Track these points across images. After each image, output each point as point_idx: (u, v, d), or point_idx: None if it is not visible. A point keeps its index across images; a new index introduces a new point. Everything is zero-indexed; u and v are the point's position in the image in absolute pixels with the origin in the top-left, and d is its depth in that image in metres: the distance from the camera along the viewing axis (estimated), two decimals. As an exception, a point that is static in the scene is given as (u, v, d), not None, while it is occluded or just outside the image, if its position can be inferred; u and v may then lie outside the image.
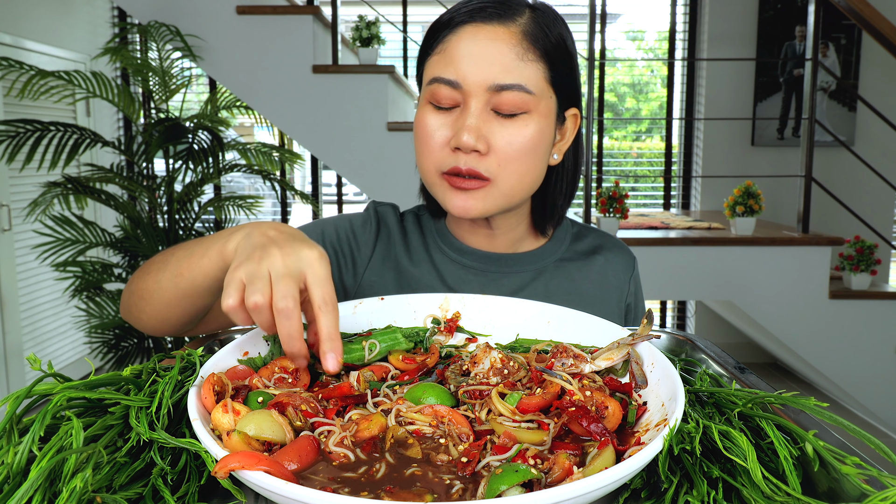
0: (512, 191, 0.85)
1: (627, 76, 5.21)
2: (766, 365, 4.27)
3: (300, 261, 0.61)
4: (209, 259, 0.71)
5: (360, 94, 3.08)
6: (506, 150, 0.81)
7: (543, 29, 0.82)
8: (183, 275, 0.74)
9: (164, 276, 0.77)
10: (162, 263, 0.78)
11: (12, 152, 2.70)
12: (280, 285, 0.59)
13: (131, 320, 0.86)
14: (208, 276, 0.72)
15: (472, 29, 0.81)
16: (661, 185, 4.66)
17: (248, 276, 0.60)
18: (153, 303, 0.79)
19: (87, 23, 4.06)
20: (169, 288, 0.76)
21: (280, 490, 0.40)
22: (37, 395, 0.50)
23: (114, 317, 2.95)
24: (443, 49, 0.83)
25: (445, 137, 0.83)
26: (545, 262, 0.97)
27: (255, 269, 0.60)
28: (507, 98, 0.80)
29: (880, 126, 3.92)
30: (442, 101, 0.82)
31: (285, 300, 0.58)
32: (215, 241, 0.70)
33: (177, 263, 0.75)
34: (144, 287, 0.80)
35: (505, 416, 0.52)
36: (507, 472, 0.44)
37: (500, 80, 0.79)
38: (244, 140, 3.48)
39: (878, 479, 0.45)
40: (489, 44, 0.80)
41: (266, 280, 0.59)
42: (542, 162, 0.86)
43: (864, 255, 3.01)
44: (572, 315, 0.72)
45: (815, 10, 2.98)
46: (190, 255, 0.73)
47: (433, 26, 0.86)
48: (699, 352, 0.79)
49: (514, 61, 0.80)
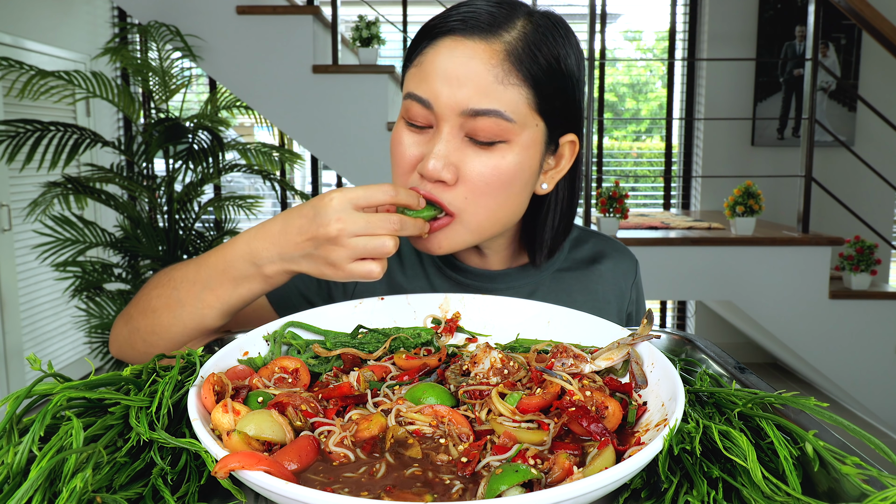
0: (480, 227, 0.77)
1: (627, 76, 5.21)
2: (766, 365, 4.27)
3: (345, 206, 0.66)
4: (248, 288, 0.75)
5: (360, 94, 3.08)
6: (475, 183, 0.73)
7: (532, 48, 0.72)
8: (212, 306, 0.76)
9: (183, 311, 0.78)
10: (168, 299, 0.79)
11: (12, 152, 2.70)
12: (377, 226, 0.66)
13: (135, 355, 0.84)
14: (247, 301, 0.77)
15: (451, 43, 0.72)
16: (661, 185, 4.66)
17: (359, 252, 0.67)
18: (171, 335, 0.80)
19: (87, 23, 4.06)
20: (195, 320, 0.78)
21: (280, 490, 0.40)
22: (37, 395, 0.50)
23: (114, 317, 2.95)
24: (420, 62, 0.75)
25: (416, 158, 0.75)
26: (542, 275, 0.92)
27: (350, 252, 0.67)
28: (481, 125, 0.71)
29: (880, 126, 3.92)
30: (416, 120, 0.75)
31: (384, 222, 0.67)
32: (237, 271, 0.75)
33: (196, 298, 0.77)
34: (158, 323, 0.80)
35: (505, 417, 0.52)
36: (507, 472, 0.44)
37: (473, 105, 0.70)
38: (244, 140, 3.48)
39: (878, 479, 0.45)
40: (465, 62, 0.70)
41: (334, 266, 0.68)
42: (521, 195, 0.78)
43: (864, 255, 3.01)
44: (572, 315, 0.72)
45: (815, 10, 2.98)
46: (209, 287, 0.76)
47: (418, 33, 0.77)
48: (699, 352, 0.79)
49: (491, 84, 0.70)
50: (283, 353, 0.68)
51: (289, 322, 0.70)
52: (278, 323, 0.70)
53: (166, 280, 0.81)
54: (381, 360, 0.67)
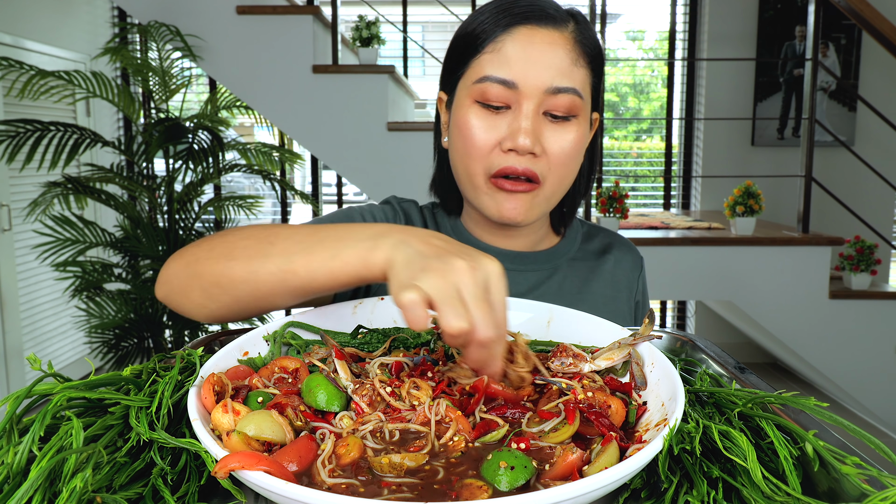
0: (554, 195, 0.86)
1: (629, 76, 5.21)
2: (766, 365, 4.27)
3: (486, 275, 0.54)
4: (342, 262, 0.61)
5: (360, 94, 3.08)
6: (557, 154, 0.82)
7: (587, 36, 0.84)
8: (297, 272, 0.64)
9: (263, 268, 0.66)
10: (257, 252, 0.67)
11: (12, 152, 2.70)
12: (481, 310, 0.51)
13: (187, 306, 0.74)
14: (336, 280, 0.63)
15: (528, 31, 0.81)
16: (661, 185, 4.66)
17: (438, 293, 0.51)
18: (237, 293, 0.69)
19: (87, 23, 4.06)
20: (271, 282, 0.66)
21: (280, 490, 0.40)
22: (37, 395, 0.50)
23: (114, 317, 2.95)
24: (496, 48, 0.81)
25: (496, 139, 0.81)
26: (559, 260, 0.97)
27: (442, 286, 0.51)
28: (561, 101, 0.80)
29: (880, 126, 3.92)
30: (492, 101, 0.81)
31: (492, 329, 0.51)
32: (350, 242, 0.62)
33: (286, 258, 0.65)
34: (227, 274, 0.68)
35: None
36: (504, 451, 0.45)
37: (556, 83, 0.80)
38: (244, 140, 3.48)
39: (878, 479, 0.45)
40: (547, 48, 0.80)
41: (462, 302, 0.51)
42: (579, 166, 0.87)
43: (864, 255, 3.01)
44: (572, 315, 0.72)
45: (815, 10, 2.98)
46: (307, 251, 0.64)
47: (477, 26, 0.83)
48: (699, 352, 0.79)
49: (569, 66, 0.81)
50: (283, 353, 0.68)
51: (289, 322, 0.70)
52: (278, 323, 0.70)
53: (265, 233, 0.69)
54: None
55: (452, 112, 0.87)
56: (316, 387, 0.55)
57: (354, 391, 0.56)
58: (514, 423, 0.54)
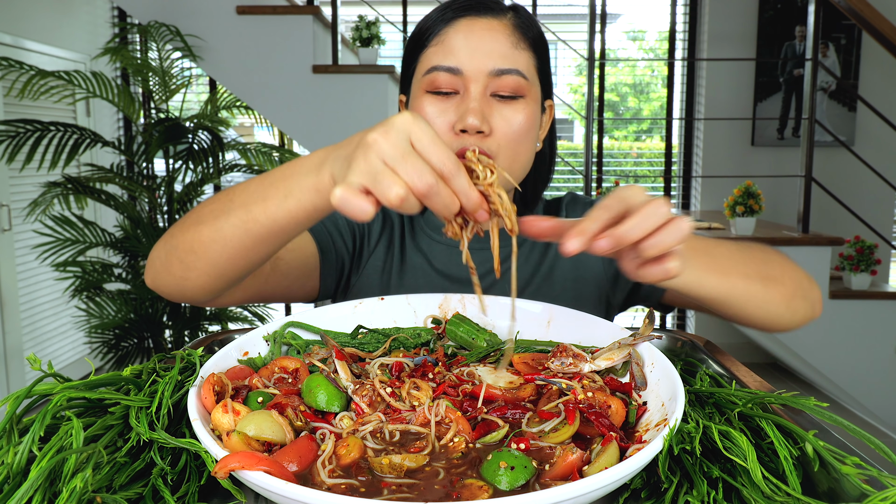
0: (510, 174, 0.88)
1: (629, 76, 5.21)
2: (766, 365, 4.27)
3: (400, 131, 0.53)
4: (297, 199, 0.62)
5: (360, 94, 3.08)
6: (505, 131, 0.86)
7: (527, 23, 0.90)
8: (258, 220, 0.65)
9: (227, 223, 0.67)
10: (220, 211, 0.68)
11: (12, 152, 2.70)
12: (407, 167, 0.51)
13: (170, 282, 0.75)
14: (295, 218, 0.63)
15: (469, 21, 0.87)
16: (661, 185, 4.66)
17: (366, 175, 0.52)
18: (211, 254, 0.69)
19: (87, 23, 4.06)
20: (237, 236, 0.66)
21: (280, 490, 0.40)
22: (37, 395, 0.50)
23: (114, 317, 2.95)
24: (440, 41, 0.87)
25: (448, 122, 0.86)
26: (522, 237, 0.99)
27: (367, 167, 0.52)
28: (506, 81, 0.85)
29: (880, 126, 3.92)
30: (442, 87, 0.86)
31: (423, 178, 0.51)
32: (298, 178, 0.62)
33: (245, 209, 0.66)
34: (197, 238, 0.69)
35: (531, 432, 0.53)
36: (504, 451, 0.45)
37: (499, 66, 0.85)
38: (244, 140, 3.48)
39: (878, 479, 0.45)
40: (486, 33, 0.86)
41: (389, 171, 0.52)
42: (533, 146, 0.91)
43: (864, 255, 3.01)
44: (572, 315, 0.72)
45: (815, 10, 2.98)
46: (262, 198, 0.64)
47: (423, 24, 0.91)
48: (699, 352, 0.79)
49: (509, 49, 0.86)
50: (283, 353, 0.68)
51: (289, 322, 0.70)
52: (278, 323, 0.70)
53: (226, 193, 0.70)
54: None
55: (409, 106, 0.93)
56: (316, 387, 0.55)
57: (354, 392, 0.56)
58: (514, 424, 0.54)
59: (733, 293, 0.74)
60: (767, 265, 0.79)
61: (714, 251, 0.74)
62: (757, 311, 0.77)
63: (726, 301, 0.74)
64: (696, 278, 0.70)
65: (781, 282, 0.79)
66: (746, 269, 0.76)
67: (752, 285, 0.75)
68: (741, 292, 0.74)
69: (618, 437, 0.50)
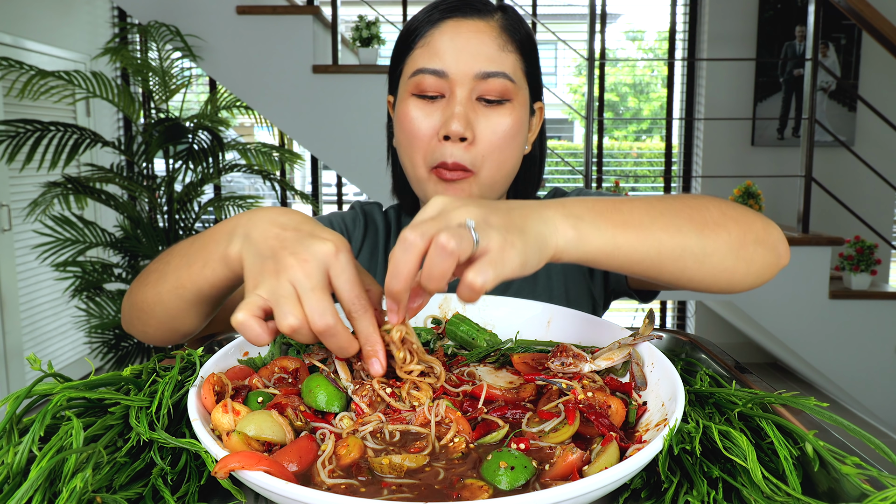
0: (492, 181, 0.87)
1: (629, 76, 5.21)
2: (766, 365, 4.27)
3: (320, 263, 0.54)
4: (212, 269, 0.64)
5: (360, 94, 3.08)
6: (490, 139, 0.84)
7: (516, 24, 0.88)
8: (185, 286, 0.68)
9: (164, 287, 0.71)
10: (159, 274, 0.72)
11: (12, 152, 2.70)
12: (311, 302, 0.52)
13: (136, 334, 0.80)
14: (214, 286, 0.66)
15: (455, 23, 0.85)
16: (662, 186, 4.66)
17: (272, 295, 0.53)
18: (157, 315, 0.74)
19: (87, 23, 4.06)
20: (172, 300, 0.70)
21: (280, 490, 0.40)
22: (37, 395, 0.50)
23: (114, 317, 2.95)
24: (426, 43, 0.86)
25: (433, 127, 0.85)
26: None
27: (275, 287, 0.53)
28: (492, 85, 0.83)
29: (880, 126, 3.92)
30: (427, 90, 0.84)
31: (323, 317, 0.52)
32: (213, 246, 0.64)
33: (176, 274, 0.69)
34: (144, 299, 0.74)
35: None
36: (504, 451, 0.45)
37: (485, 69, 0.83)
38: (244, 140, 3.48)
39: (878, 479, 0.45)
40: (473, 36, 0.84)
41: (293, 298, 0.53)
42: (520, 151, 0.89)
43: (864, 255, 3.01)
44: (572, 315, 0.72)
45: (815, 10, 2.98)
46: (188, 264, 0.67)
47: (410, 25, 0.89)
48: (699, 352, 0.79)
49: (496, 51, 0.84)
50: (283, 353, 0.68)
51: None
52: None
53: (167, 254, 0.74)
54: None
55: (395, 108, 0.91)
56: (316, 387, 0.55)
57: (355, 392, 0.56)
58: (514, 424, 0.54)
59: (662, 249, 0.60)
60: (700, 211, 0.64)
61: (624, 207, 0.60)
62: (699, 267, 0.63)
63: (656, 260, 0.60)
64: (609, 238, 0.57)
65: (724, 227, 0.65)
66: (674, 219, 0.62)
67: (684, 236, 0.62)
68: (671, 246, 0.61)
69: (618, 437, 0.50)
